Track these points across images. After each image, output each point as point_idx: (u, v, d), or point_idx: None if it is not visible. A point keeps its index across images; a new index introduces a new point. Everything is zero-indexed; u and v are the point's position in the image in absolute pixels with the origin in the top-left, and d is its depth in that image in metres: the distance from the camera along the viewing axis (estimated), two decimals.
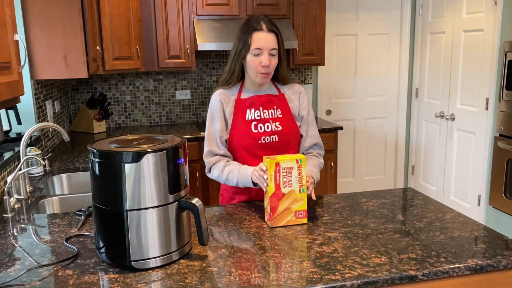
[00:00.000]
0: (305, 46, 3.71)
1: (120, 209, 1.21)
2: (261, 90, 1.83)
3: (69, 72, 2.57)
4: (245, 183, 1.70)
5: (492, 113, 3.43)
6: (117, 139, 1.33)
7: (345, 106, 4.38)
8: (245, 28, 1.74)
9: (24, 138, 1.91)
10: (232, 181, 1.75)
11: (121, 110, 3.85)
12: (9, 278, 1.21)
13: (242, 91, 1.82)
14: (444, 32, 3.92)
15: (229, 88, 1.82)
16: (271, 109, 1.81)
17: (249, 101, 1.80)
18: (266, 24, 1.71)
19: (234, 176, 1.73)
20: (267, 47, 1.70)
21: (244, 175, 1.70)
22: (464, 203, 3.84)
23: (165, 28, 3.41)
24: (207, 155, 1.83)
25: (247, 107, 1.80)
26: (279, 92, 1.85)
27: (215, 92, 1.84)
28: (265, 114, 1.80)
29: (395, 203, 1.78)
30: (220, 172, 1.78)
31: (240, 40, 1.74)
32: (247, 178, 1.68)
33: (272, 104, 1.82)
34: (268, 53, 1.71)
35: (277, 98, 1.84)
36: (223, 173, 1.77)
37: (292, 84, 1.88)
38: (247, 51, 1.71)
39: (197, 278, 1.20)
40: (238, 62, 1.76)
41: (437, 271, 1.23)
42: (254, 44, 1.70)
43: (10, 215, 1.71)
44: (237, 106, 1.80)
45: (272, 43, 1.71)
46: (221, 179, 1.79)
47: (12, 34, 1.39)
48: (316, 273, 1.21)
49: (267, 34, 1.70)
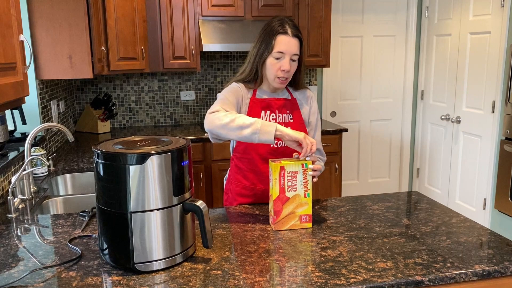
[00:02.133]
0: (310, 47, 3.70)
1: (124, 211, 1.21)
2: (276, 93, 1.81)
3: (74, 72, 2.57)
4: (265, 129, 1.49)
5: (498, 116, 3.41)
6: (121, 141, 1.33)
7: (350, 108, 4.36)
8: (269, 30, 1.70)
9: (29, 138, 1.91)
10: (246, 120, 1.51)
11: (125, 110, 3.85)
12: (12, 279, 1.20)
13: (257, 91, 1.80)
14: (451, 34, 3.90)
15: (248, 83, 1.78)
16: (284, 114, 1.80)
17: (266, 102, 1.78)
18: (291, 29, 1.68)
19: (249, 118, 1.53)
20: (289, 52, 1.67)
21: (266, 124, 1.50)
22: (469, 206, 3.81)
23: (170, 29, 3.41)
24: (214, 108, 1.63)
25: (263, 108, 1.78)
26: (291, 96, 1.84)
27: (233, 82, 1.78)
28: (279, 118, 1.79)
29: (400, 206, 1.77)
30: (227, 113, 1.56)
31: (263, 42, 1.70)
32: (271, 126, 1.50)
33: (285, 108, 1.81)
34: (289, 58, 1.68)
35: (289, 103, 1.82)
36: (233, 114, 1.55)
37: (304, 89, 1.87)
38: (269, 54, 1.69)
39: (200, 281, 1.19)
40: (260, 64, 1.72)
41: (444, 277, 1.21)
42: (277, 47, 1.67)
43: (14, 215, 1.71)
44: (252, 105, 1.78)
45: (295, 49, 1.68)
46: (226, 117, 1.54)
47: (18, 34, 1.39)
48: (321, 277, 1.20)
49: (291, 39, 1.67)
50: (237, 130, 1.51)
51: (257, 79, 1.76)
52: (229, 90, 1.75)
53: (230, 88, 1.76)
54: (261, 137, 1.49)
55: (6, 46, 1.30)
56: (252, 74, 1.76)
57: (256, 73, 1.75)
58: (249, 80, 1.78)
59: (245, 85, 1.79)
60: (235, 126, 1.51)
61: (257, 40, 1.73)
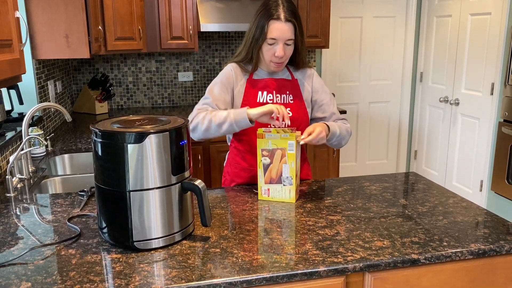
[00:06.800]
0: (309, 28, 3.66)
1: (123, 190, 1.21)
2: (275, 73, 1.80)
3: (70, 52, 2.54)
4: (238, 118, 1.59)
5: (497, 98, 3.40)
6: (119, 120, 1.32)
7: (349, 90, 4.34)
8: (263, 13, 1.67)
9: (26, 117, 1.90)
10: (220, 116, 1.62)
11: (123, 91, 3.83)
12: (12, 256, 1.21)
13: (255, 71, 1.79)
14: (451, 15, 3.86)
15: (244, 64, 1.79)
16: (283, 94, 1.79)
17: (263, 83, 1.77)
18: (285, 13, 1.64)
19: (223, 113, 1.62)
20: (282, 38, 1.65)
21: (237, 112, 1.60)
22: (466, 188, 3.84)
23: (168, 8, 3.36)
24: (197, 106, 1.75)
25: (260, 89, 1.77)
26: (292, 77, 1.82)
27: (229, 64, 1.80)
28: (277, 99, 1.78)
29: (398, 187, 1.78)
30: (206, 113, 1.66)
31: (257, 26, 1.68)
32: (242, 113, 1.59)
33: (285, 89, 1.79)
34: (283, 44, 1.66)
35: (290, 83, 1.81)
36: (209, 114, 1.65)
37: (305, 68, 1.84)
38: (264, 40, 1.67)
39: (199, 259, 1.20)
40: (255, 49, 1.71)
41: (440, 255, 1.23)
42: (270, 34, 1.65)
43: (12, 195, 1.71)
44: (249, 86, 1.77)
45: (288, 34, 1.65)
46: (204, 121, 1.64)
47: (13, 11, 1.37)
48: (319, 255, 1.21)
49: (284, 25, 1.64)
50: (218, 128, 1.64)
51: (256, 63, 1.76)
52: (217, 79, 1.78)
53: (220, 76, 1.79)
54: (239, 125, 1.61)
55: (1, 22, 1.29)
56: (248, 58, 1.76)
57: (252, 58, 1.74)
58: (246, 62, 1.77)
59: (242, 66, 1.78)
60: (215, 125, 1.63)
61: (252, 22, 1.71)
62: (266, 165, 1.60)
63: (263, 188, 1.63)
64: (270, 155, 1.59)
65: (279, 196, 1.62)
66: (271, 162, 1.60)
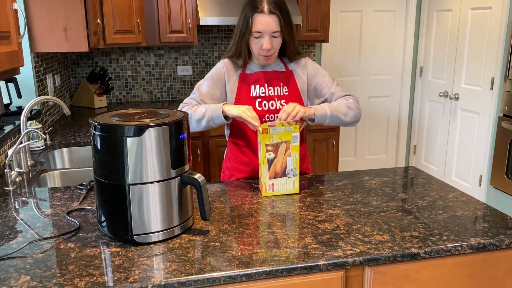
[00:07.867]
0: (309, 21, 3.64)
1: (122, 183, 1.20)
2: (267, 66, 1.79)
3: (69, 45, 2.53)
4: (214, 115, 1.64)
5: (497, 93, 3.40)
6: (118, 113, 1.32)
7: (349, 84, 4.33)
8: (248, 6, 1.66)
9: (25, 111, 1.89)
10: (199, 112, 1.66)
11: (122, 85, 3.81)
12: (11, 250, 1.21)
13: (248, 65, 1.79)
14: (451, 9, 3.85)
15: (236, 59, 1.78)
16: (276, 86, 1.78)
17: (255, 76, 1.77)
18: (269, 5, 1.62)
19: (202, 108, 1.67)
20: (267, 31, 1.64)
21: (213, 108, 1.64)
22: (465, 183, 3.84)
23: (167, 1, 3.34)
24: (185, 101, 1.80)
25: (252, 83, 1.76)
26: (287, 68, 1.81)
27: (222, 60, 1.80)
28: (270, 91, 1.77)
29: (397, 181, 1.78)
30: (188, 108, 1.72)
31: (243, 20, 1.67)
32: (217, 110, 1.63)
33: (278, 81, 1.78)
34: (269, 37, 1.65)
35: (284, 75, 1.79)
36: (191, 109, 1.70)
37: (299, 59, 1.82)
38: (250, 34, 1.66)
39: (199, 252, 1.20)
40: (243, 43, 1.70)
41: (439, 249, 1.23)
42: (255, 27, 1.64)
43: (11, 188, 1.71)
44: (241, 81, 1.77)
45: (273, 26, 1.63)
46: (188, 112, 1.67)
47: (11, 3, 1.36)
48: (318, 249, 1.21)
49: (268, 17, 1.62)
50: (198, 123, 1.67)
51: (245, 57, 1.75)
52: (208, 75, 1.80)
53: (210, 72, 1.80)
54: (215, 121, 1.64)
55: None
56: (238, 53, 1.75)
57: (241, 53, 1.73)
58: (238, 58, 1.77)
59: (234, 61, 1.78)
60: (194, 121, 1.67)
61: (239, 16, 1.70)
62: (270, 160, 1.59)
63: (267, 184, 1.61)
64: (274, 150, 1.58)
65: (283, 189, 1.61)
66: (276, 157, 1.58)
